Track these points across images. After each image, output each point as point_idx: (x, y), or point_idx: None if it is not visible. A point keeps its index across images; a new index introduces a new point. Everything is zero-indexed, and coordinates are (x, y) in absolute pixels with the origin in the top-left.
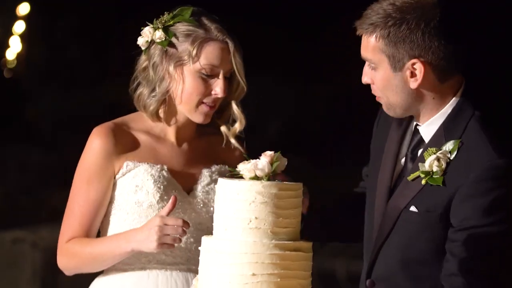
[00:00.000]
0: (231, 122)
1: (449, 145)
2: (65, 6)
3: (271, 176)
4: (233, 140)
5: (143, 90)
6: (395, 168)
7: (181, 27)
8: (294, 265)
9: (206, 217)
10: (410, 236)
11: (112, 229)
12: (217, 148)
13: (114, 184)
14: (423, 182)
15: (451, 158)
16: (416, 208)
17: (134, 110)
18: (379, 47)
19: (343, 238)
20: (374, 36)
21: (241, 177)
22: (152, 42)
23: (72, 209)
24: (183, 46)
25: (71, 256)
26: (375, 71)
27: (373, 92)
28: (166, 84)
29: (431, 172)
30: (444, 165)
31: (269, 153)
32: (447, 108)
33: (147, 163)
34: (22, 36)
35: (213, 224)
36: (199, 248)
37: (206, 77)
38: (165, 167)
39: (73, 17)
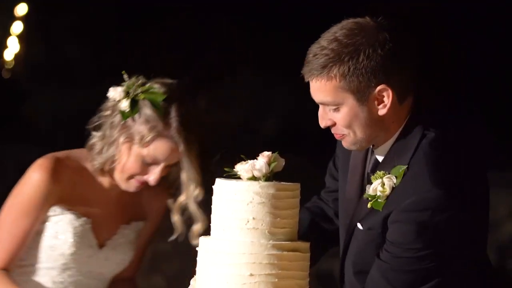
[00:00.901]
0: (178, 193)
1: (395, 170)
2: (63, 6)
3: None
4: (176, 217)
5: (96, 142)
6: (362, 188)
7: (146, 110)
8: (292, 265)
9: (107, 268)
10: (358, 251)
11: (23, 255)
12: (145, 197)
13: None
14: (368, 206)
15: (396, 184)
16: (362, 226)
17: None
18: (341, 86)
19: None
20: (332, 77)
21: (239, 178)
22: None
23: (3, 238)
24: (139, 128)
25: None
26: (337, 112)
27: (335, 131)
28: (112, 150)
29: (376, 196)
30: (388, 191)
31: (266, 153)
32: (399, 130)
33: (73, 213)
34: (20, 37)
35: (211, 224)
36: (197, 248)
37: (147, 164)
38: (89, 221)
39: (71, 16)
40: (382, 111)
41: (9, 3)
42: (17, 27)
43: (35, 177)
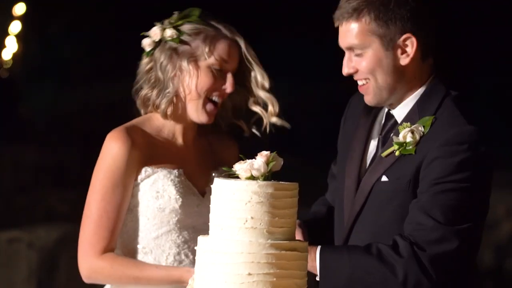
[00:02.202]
0: (262, 105)
1: (423, 121)
2: (60, 6)
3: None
4: (274, 119)
5: (150, 92)
6: (365, 152)
7: (190, 26)
8: (290, 264)
9: None
10: (380, 206)
11: (130, 235)
12: (216, 147)
13: (133, 190)
14: (397, 153)
15: (424, 133)
16: (387, 177)
17: (130, 109)
18: (369, 29)
19: None
20: (362, 20)
21: (237, 177)
22: (159, 42)
23: (99, 217)
24: (195, 43)
25: (108, 275)
26: (362, 56)
27: (358, 78)
28: (177, 81)
29: (404, 144)
30: (418, 137)
31: (265, 153)
32: (422, 88)
33: (165, 169)
34: (18, 36)
35: (209, 223)
36: (195, 248)
37: (217, 73)
38: (182, 171)
39: (68, 17)
40: (405, 60)
41: (8, 3)
42: (15, 27)
43: (113, 149)
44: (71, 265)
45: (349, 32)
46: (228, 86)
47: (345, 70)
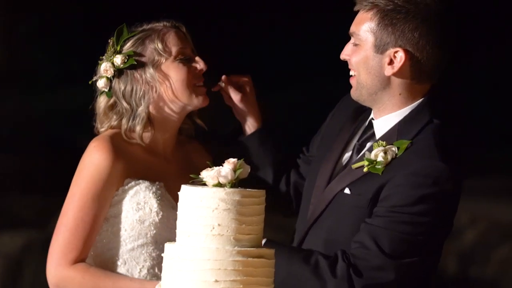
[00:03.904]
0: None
1: (399, 143)
2: (26, 8)
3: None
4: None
5: (118, 123)
6: (341, 157)
7: (131, 42)
8: (257, 271)
9: None
10: (338, 218)
11: (103, 244)
12: (192, 156)
13: (112, 199)
14: (365, 169)
15: (398, 155)
16: (350, 191)
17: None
18: (370, 25)
19: None
20: (370, 13)
21: (204, 184)
22: (114, 76)
23: (76, 226)
24: (147, 50)
25: (79, 285)
26: (357, 48)
27: (350, 68)
28: (148, 97)
29: (374, 162)
30: (389, 159)
31: (232, 160)
32: (407, 109)
33: (147, 181)
34: None
35: (176, 230)
36: (162, 254)
37: (183, 61)
38: (162, 184)
39: (35, 18)
40: (389, 71)
41: None
42: None
43: (97, 159)
44: (36, 273)
45: (358, 20)
46: (200, 64)
47: (342, 55)
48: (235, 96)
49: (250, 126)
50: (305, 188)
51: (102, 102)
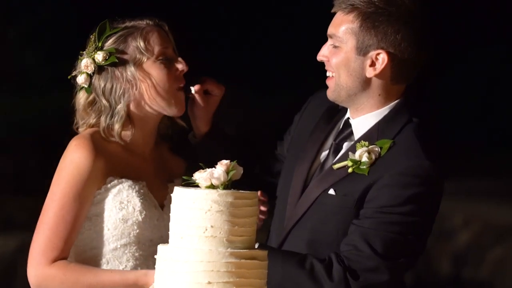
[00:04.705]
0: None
1: (381, 143)
2: (17, 11)
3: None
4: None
5: (97, 120)
6: (317, 157)
7: (113, 38)
8: (250, 273)
9: None
10: (322, 218)
11: (86, 244)
12: (166, 157)
13: (94, 198)
14: (350, 170)
15: (381, 155)
16: (335, 191)
17: None
18: (352, 28)
19: None
20: (351, 16)
21: (197, 186)
22: (94, 72)
23: (56, 225)
24: (130, 48)
25: (61, 282)
26: (337, 49)
27: (327, 69)
28: (127, 95)
29: (359, 162)
30: (373, 158)
31: (224, 162)
32: (386, 109)
33: (130, 180)
34: None
35: (169, 232)
36: (155, 256)
37: (165, 62)
38: (145, 183)
39: (25, 22)
40: (370, 73)
41: None
42: None
43: (77, 158)
44: None
45: (337, 21)
46: (182, 66)
47: (319, 56)
48: (200, 104)
49: (201, 127)
50: (280, 188)
51: (81, 98)
